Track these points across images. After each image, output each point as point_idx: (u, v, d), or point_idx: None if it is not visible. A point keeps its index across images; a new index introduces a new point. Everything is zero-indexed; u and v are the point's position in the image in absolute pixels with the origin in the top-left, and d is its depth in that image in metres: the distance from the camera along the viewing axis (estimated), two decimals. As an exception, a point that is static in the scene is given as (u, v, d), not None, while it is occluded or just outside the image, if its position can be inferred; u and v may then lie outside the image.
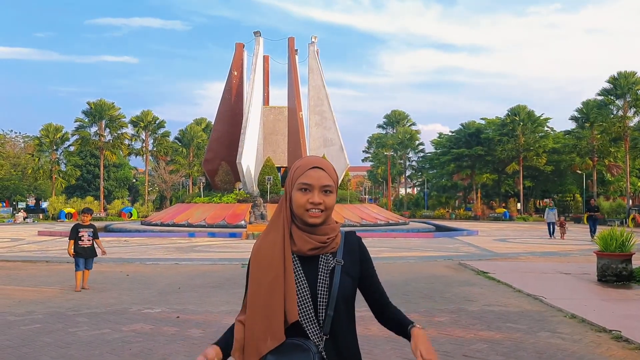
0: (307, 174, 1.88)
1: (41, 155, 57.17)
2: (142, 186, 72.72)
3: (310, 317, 1.82)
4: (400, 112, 74.32)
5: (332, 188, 1.90)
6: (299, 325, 1.81)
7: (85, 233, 10.14)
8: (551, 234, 24.19)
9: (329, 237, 1.89)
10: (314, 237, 1.87)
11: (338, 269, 1.88)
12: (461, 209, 58.28)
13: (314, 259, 1.88)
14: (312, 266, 1.87)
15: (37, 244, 21.91)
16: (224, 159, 38.08)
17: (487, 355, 5.72)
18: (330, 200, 1.89)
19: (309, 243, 1.86)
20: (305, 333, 1.81)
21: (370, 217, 33.43)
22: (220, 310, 8.14)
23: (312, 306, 1.83)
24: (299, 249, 1.86)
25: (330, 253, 1.90)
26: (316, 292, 1.84)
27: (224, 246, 20.52)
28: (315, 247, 1.86)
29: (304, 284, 1.84)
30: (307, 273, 1.86)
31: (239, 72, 41.10)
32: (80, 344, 6.22)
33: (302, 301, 1.82)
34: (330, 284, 1.85)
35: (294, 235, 1.88)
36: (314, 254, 1.87)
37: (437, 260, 15.30)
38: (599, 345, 6.10)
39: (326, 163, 1.95)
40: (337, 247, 1.92)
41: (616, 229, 11.23)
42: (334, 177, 1.92)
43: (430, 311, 8.02)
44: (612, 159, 51.18)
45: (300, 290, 1.83)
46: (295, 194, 1.88)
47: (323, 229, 1.89)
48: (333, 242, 1.90)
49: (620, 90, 47.07)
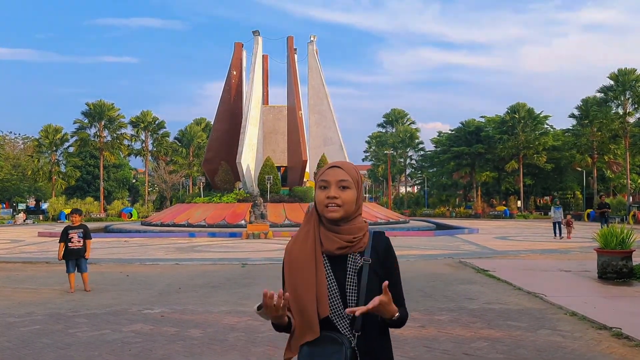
0: (325, 172, 2.00)
1: (41, 156, 57.15)
2: (142, 186, 72.76)
3: (341, 314, 1.92)
4: (400, 110, 74.26)
5: (350, 184, 1.96)
6: (330, 321, 1.91)
7: (75, 234, 10.01)
8: (556, 233, 22.66)
9: (355, 236, 1.95)
10: (340, 236, 1.94)
11: (366, 268, 1.94)
12: (461, 207, 58.25)
13: (343, 259, 1.95)
14: (341, 265, 1.95)
15: (37, 245, 21.91)
16: (223, 159, 38.05)
17: (487, 353, 5.71)
18: (348, 196, 1.94)
19: (335, 242, 1.94)
20: (337, 329, 1.92)
21: (371, 216, 33.40)
22: (220, 310, 8.13)
23: (341, 304, 1.92)
24: (326, 249, 1.95)
25: (358, 252, 1.97)
26: (345, 290, 1.93)
27: (224, 246, 20.51)
28: (343, 247, 1.94)
29: (332, 282, 1.93)
30: (336, 272, 1.95)
31: (238, 71, 41.07)
32: (79, 345, 6.21)
33: (331, 299, 1.92)
34: (359, 282, 1.92)
35: (322, 236, 1.96)
36: (341, 253, 1.95)
37: (438, 258, 15.30)
38: (600, 342, 6.08)
39: (346, 163, 2.03)
40: (364, 246, 1.98)
41: (616, 226, 11.22)
42: (352, 175, 1.99)
43: (431, 310, 8.01)
44: (612, 156, 51.16)
45: (329, 289, 1.92)
46: (317, 192, 2.00)
47: (348, 228, 1.96)
48: (360, 241, 1.96)
49: (620, 87, 47.04)
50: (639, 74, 46.79)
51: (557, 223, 22.85)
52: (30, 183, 60.96)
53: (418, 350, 5.85)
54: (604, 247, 10.85)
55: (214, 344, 6.22)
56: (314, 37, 41.17)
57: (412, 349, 5.87)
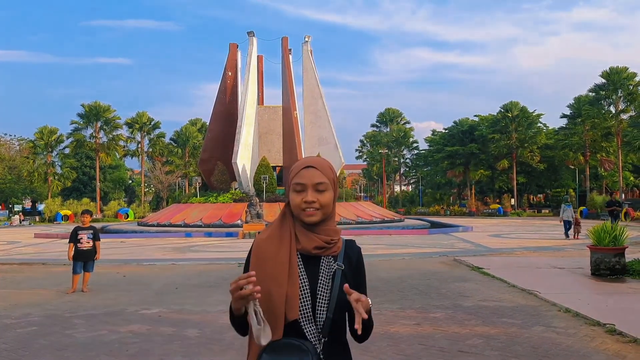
0: (300, 174, 1.87)
1: (36, 157, 56.96)
2: (138, 187, 72.53)
3: (309, 318, 1.79)
4: (394, 109, 74.24)
5: (327, 186, 1.85)
6: (296, 324, 1.77)
7: (84, 235, 10.03)
8: (568, 234, 21.12)
9: (332, 238, 1.86)
10: (319, 236, 1.85)
11: (339, 273, 1.84)
12: (456, 205, 58.39)
13: (316, 260, 1.85)
14: (314, 267, 1.84)
15: (34, 246, 21.85)
16: (219, 159, 38.04)
17: (482, 350, 5.77)
18: (325, 198, 1.84)
19: (314, 241, 1.84)
20: (302, 333, 1.77)
21: (366, 215, 33.47)
22: (217, 310, 8.15)
23: (310, 305, 1.79)
24: (303, 247, 1.84)
25: (331, 256, 1.87)
26: (316, 293, 1.80)
27: (220, 246, 20.53)
28: (320, 247, 1.84)
29: (305, 283, 1.81)
30: (309, 274, 1.83)
31: (233, 72, 41.04)
32: (77, 345, 6.23)
33: (302, 301, 1.79)
34: (332, 286, 1.82)
35: (298, 233, 1.86)
36: (317, 254, 1.85)
37: (432, 256, 15.35)
38: (593, 338, 6.15)
39: (320, 162, 1.91)
40: (338, 251, 1.89)
41: (609, 223, 11.32)
42: (329, 175, 1.88)
43: (426, 307, 8.07)
44: (605, 154, 51.38)
45: (301, 290, 1.79)
46: (291, 195, 1.87)
47: (326, 229, 1.87)
48: (335, 245, 1.88)
49: (612, 85, 47.24)
50: (630, 72, 46.98)
51: (567, 222, 21.41)
52: (26, 184, 60.69)
53: (414, 347, 5.90)
54: (597, 244, 10.94)
55: (212, 343, 6.26)
56: (308, 38, 41.19)
57: (408, 347, 5.93)
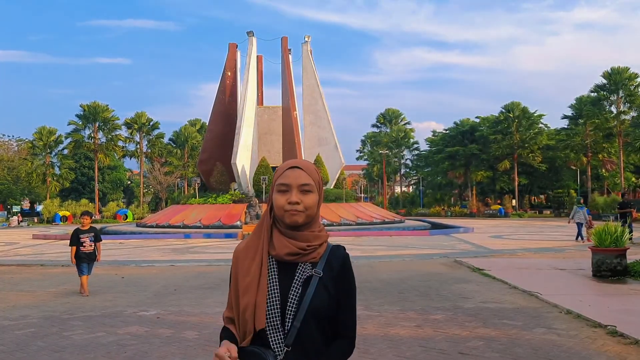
0: (284, 174, 1.83)
1: (35, 158, 56.94)
2: (137, 188, 72.54)
3: (276, 326, 1.75)
4: (394, 110, 74.35)
5: (312, 187, 1.82)
6: (263, 332, 1.75)
7: (86, 238, 9.98)
8: (582, 236, 19.71)
9: (310, 244, 1.80)
10: (293, 242, 1.79)
11: (315, 281, 1.78)
12: (457, 206, 58.41)
13: (292, 266, 1.80)
14: (289, 273, 1.79)
15: (32, 247, 21.81)
16: (218, 160, 38.01)
17: (483, 352, 5.72)
18: (310, 200, 1.81)
19: (287, 247, 1.78)
20: (268, 343, 1.75)
21: (366, 216, 33.43)
22: (216, 311, 8.10)
23: (279, 315, 1.75)
24: (277, 253, 1.79)
25: (310, 262, 1.81)
26: (287, 300, 1.76)
27: (219, 247, 20.48)
28: (294, 253, 1.78)
29: (275, 290, 1.77)
30: (282, 280, 1.78)
31: (232, 72, 41.02)
32: (74, 347, 6.19)
33: (270, 308, 1.75)
34: (303, 294, 1.76)
35: (274, 239, 1.81)
36: (292, 260, 1.79)
37: (433, 257, 15.32)
38: (595, 340, 6.11)
39: (306, 163, 1.88)
40: (318, 257, 1.82)
41: (611, 224, 11.27)
42: (314, 177, 1.84)
43: (426, 309, 8.02)
44: (606, 155, 51.39)
45: (270, 297, 1.76)
46: (275, 196, 1.83)
47: (305, 235, 1.81)
48: (315, 251, 1.81)
49: (614, 86, 47.24)
50: (632, 72, 47.01)
51: (581, 224, 20.06)
52: (24, 185, 60.66)
53: (414, 349, 5.85)
54: (598, 245, 10.90)
55: (210, 345, 6.21)
56: (308, 38, 41.18)
57: (408, 349, 5.88)
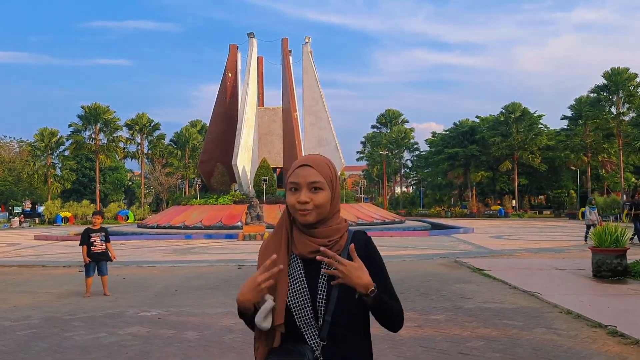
0: (294, 173, 1.84)
1: (36, 159, 57.00)
2: (138, 189, 72.53)
3: (309, 322, 1.77)
4: (394, 110, 74.35)
5: (322, 185, 1.80)
6: (297, 329, 1.77)
7: (97, 238, 9.96)
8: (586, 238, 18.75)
9: (330, 239, 1.81)
10: (313, 239, 1.80)
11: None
12: (457, 206, 58.38)
13: (318, 262, 1.79)
14: (315, 269, 1.80)
15: (33, 248, 21.83)
16: (219, 161, 38.03)
17: (483, 352, 5.74)
18: (320, 198, 1.79)
19: (309, 246, 1.80)
20: (304, 339, 1.77)
21: (367, 216, 33.44)
22: (217, 312, 8.12)
23: (310, 310, 1.77)
24: (300, 252, 1.81)
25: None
26: (316, 296, 1.77)
27: (220, 247, 20.47)
28: (316, 250, 1.78)
29: (303, 287, 1.78)
30: (309, 276, 1.80)
31: (233, 73, 41.05)
32: (76, 348, 6.21)
33: (300, 305, 1.77)
34: (330, 287, 1.77)
35: (295, 238, 1.83)
36: (315, 257, 1.79)
37: (433, 258, 15.32)
38: (595, 340, 6.12)
39: (317, 160, 1.86)
40: (341, 249, 1.82)
41: (611, 225, 11.28)
42: (325, 173, 1.82)
43: (427, 309, 8.03)
44: (606, 155, 51.37)
45: (299, 294, 1.78)
46: (287, 194, 1.85)
47: (324, 230, 1.82)
48: (337, 244, 1.82)
49: (613, 86, 47.23)
50: (631, 72, 47.01)
51: (592, 226, 18.41)
52: (25, 186, 60.72)
53: (414, 350, 5.87)
54: (598, 245, 10.90)
55: (211, 346, 6.23)
56: (308, 39, 41.18)
57: (409, 349, 5.89)
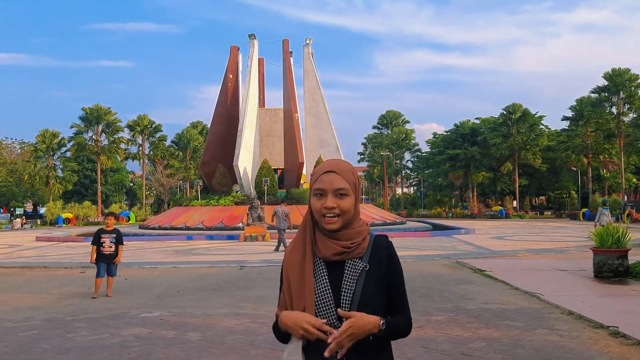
0: (320, 179, 1.88)
1: (38, 161, 57.06)
2: (139, 190, 72.60)
3: (333, 324, 1.80)
4: (395, 111, 74.36)
5: (348, 191, 1.86)
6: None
7: (107, 239, 9.91)
8: None
9: (353, 241, 1.86)
10: (337, 242, 1.85)
11: (363, 274, 1.84)
12: (458, 207, 58.36)
13: (341, 264, 1.85)
14: (339, 271, 1.85)
15: (35, 249, 21.85)
16: (220, 162, 38.05)
17: (485, 353, 5.74)
18: (346, 204, 1.85)
19: (332, 248, 1.84)
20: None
21: (368, 217, 33.37)
22: (219, 313, 8.13)
23: (335, 313, 1.80)
24: (323, 254, 1.85)
25: (358, 257, 1.87)
26: (340, 299, 1.82)
27: (222, 248, 20.48)
28: (339, 253, 1.84)
29: (327, 290, 1.82)
30: (333, 279, 1.84)
31: (234, 74, 41.07)
32: (78, 349, 6.22)
33: (325, 307, 1.81)
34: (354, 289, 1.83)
35: (318, 241, 1.87)
36: (338, 259, 1.85)
37: (435, 259, 15.33)
38: (597, 341, 6.12)
39: (342, 166, 1.91)
40: (364, 251, 1.87)
41: (612, 225, 11.28)
42: (350, 179, 1.88)
43: (428, 310, 8.03)
44: (607, 156, 51.33)
45: (323, 297, 1.82)
46: (312, 200, 1.89)
47: (347, 233, 1.86)
48: (359, 246, 1.87)
49: (614, 87, 47.21)
50: (632, 73, 46.97)
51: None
52: (27, 187, 60.80)
53: (416, 351, 5.87)
54: (599, 246, 10.90)
55: (213, 347, 6.24)
56: (309, 40, 41.21)
57: (410, 350, 5.90)
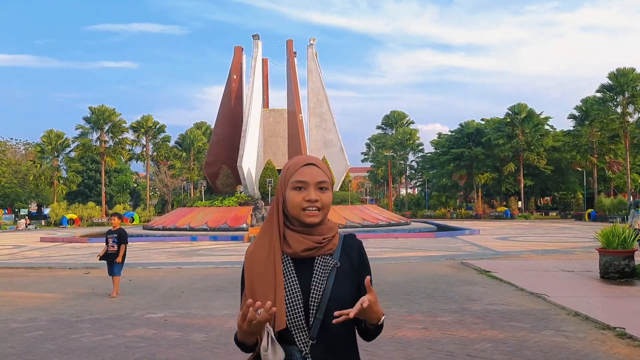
0: (300, 171, 1.81)
1: (42, 162, 57.28)
2: (143, 191, 72.77)
3: (299, 323, 1.74)
4: (399, 112, 74.34)
5: (328, 185, 1.81)
6: (287, 331, 1.74)
7: (111, 239, 10.35)
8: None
9: (325, 237, 1.80)
10: (309, 237, 1.78)
11: (334, 271, 1.78)
12: (462, 208, 58.26)
13: (309, 261, 1.79)
14: (307, 268, 1.78)
15: (40, 250, 21.92)
16: (224, 162, 38.10)
17: (491, 354, 5.71)
18: (327, 198, 1.80)
19: (302, 244, 1.77)
20: (293, 340, 1.74)
21: (372, 218, 33.40)
22: (223, 313, 8.13)
23: (302, 311, 1.74)
24: (293, 250, 1.77)
25: (327, 254, 1.80)
26: (309, 295, 1.75)
27: (226, 249, 20.51)
28: (310, 248, 1.77)
29: (295, 288, 1.75)
30: (301, 276, 1.77)
31: (238, 75, 41.13)
32: (83, 350, 6.22)
33: (292, 306, 1.74)
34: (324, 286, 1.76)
35: (287, 237, 1.79)
36: (308, 255, 1.78)
37: (439, 259, 15.29)
38: (604, 342, 6.08)
39: (319, 160, 1.87)
40: (334, 248, 1.82)
41: (618, 226, 11.22)
42: (328, 174, 1.84)
43: (433, 311, 8.00)
44: (613, 156, 51.13)
45: (291, 295, 1.75)
46: (290, 193, 1.79)
47: (320, 229, 1.80)
48: (330, 242, 1.81)
49: (619, 87, 47.04)
50: (637, 73, 46.78)
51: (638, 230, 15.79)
52: (31, 188, 61.02)
53: (422, 352, 5.85)
54: (606, 247, 10.84)
55: (218, 347, 6.23)
56: (313, 40, 41.23)
57: (416, 351, 5.87)
